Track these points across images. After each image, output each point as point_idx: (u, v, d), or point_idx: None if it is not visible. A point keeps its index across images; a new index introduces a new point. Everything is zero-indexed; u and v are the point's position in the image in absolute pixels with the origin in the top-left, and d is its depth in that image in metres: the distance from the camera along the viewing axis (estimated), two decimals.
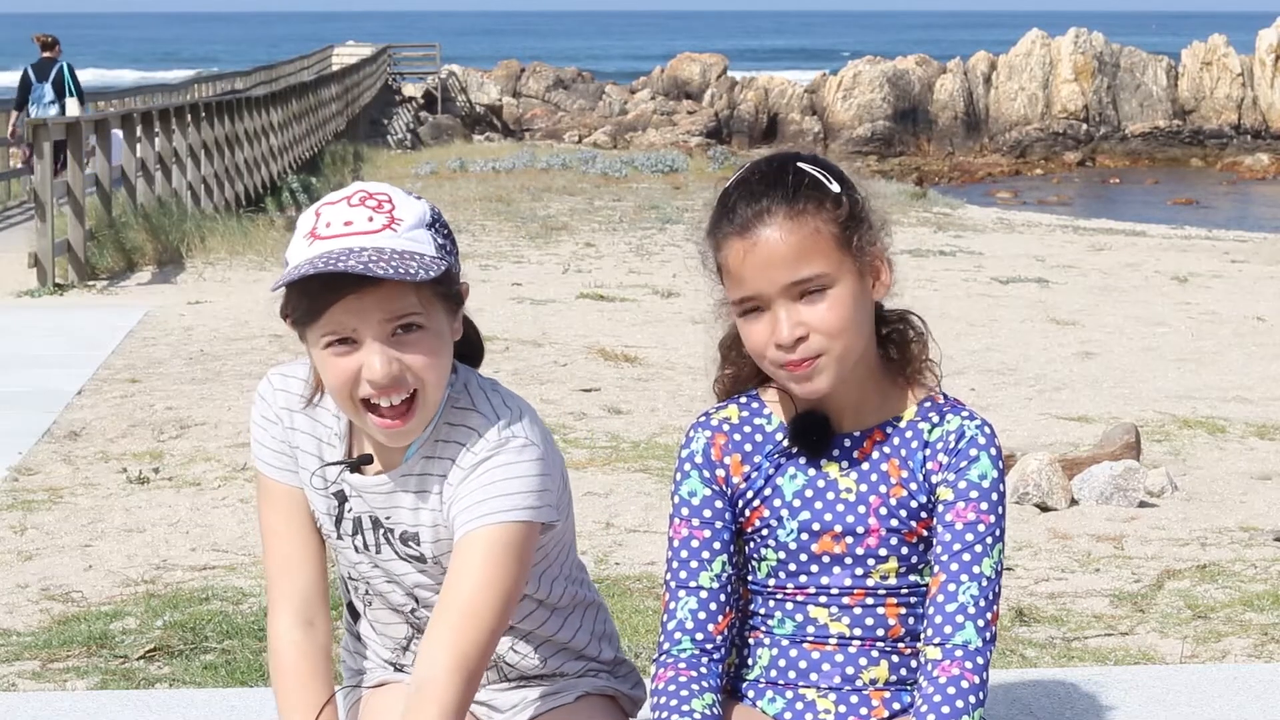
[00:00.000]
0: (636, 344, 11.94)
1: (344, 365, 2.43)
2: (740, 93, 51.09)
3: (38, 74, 19.30)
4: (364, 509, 2.59)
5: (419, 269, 2.38)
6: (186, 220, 17.86)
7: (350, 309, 2.39)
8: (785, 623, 2.59)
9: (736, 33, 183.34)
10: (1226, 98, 48.04)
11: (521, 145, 40.45)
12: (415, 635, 2.68)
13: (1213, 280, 17.02)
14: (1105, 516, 7.04)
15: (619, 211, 22.56)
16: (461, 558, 2.44)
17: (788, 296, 2.45)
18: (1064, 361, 11.80)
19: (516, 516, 2.44)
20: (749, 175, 2.53)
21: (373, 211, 2.42)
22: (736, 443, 2.59)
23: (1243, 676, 3.78)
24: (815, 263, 2.45)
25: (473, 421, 2.51)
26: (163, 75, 64.54)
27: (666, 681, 2.52)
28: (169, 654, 5.16)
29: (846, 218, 2.48)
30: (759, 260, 2.45)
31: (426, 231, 2.44)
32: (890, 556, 2.55)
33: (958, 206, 26.31)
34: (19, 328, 12.38)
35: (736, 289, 2.49)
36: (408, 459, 2.53)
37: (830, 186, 2.49)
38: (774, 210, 2.45)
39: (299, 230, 2.44)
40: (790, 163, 2.52)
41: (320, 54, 52.09)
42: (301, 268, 2.37)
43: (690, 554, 2.57)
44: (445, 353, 2.47)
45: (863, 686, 2.59)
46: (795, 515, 2.56)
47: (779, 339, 2.45)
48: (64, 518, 6.99)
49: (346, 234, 2.40)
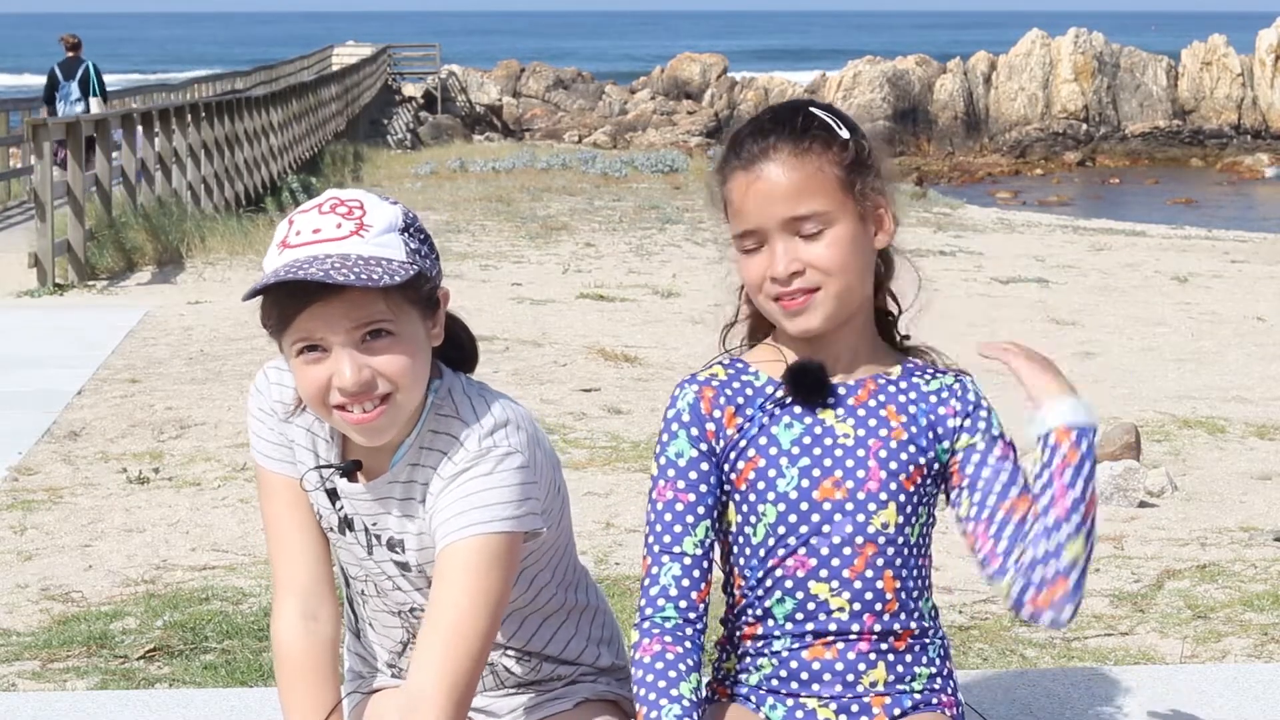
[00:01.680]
0: (636, 344, 11.94)
1: (315, 373, 2.42)
2: (740, 93, 51.11)
3: (64, 73, 20.20)
4: (353, 511, 2.59)
5: (384, 274, 2.36)
6: (186, 220, 17.86)
7: (317, 316, 2.39)
8: (785, 601, 2.57)
9: (736, 33, 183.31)
10: (1226, 98, 48.05)
11: (521, 145, 40.45)
12: (410, 640, 2.67)
13: (1213, 280, 17.02)
14: (1105, 516, 7.04)
15: (619, 211, 22.56)
16: (444, 572, 2.43)
17: (787, 231, 2.49)
18: (1064, 361, 11.72)
19: (497, 528, 2.43)
20: (761, 115, 2.57)
21: (342, 218, 2.42)
22: (729, 396, 2.59)
23: (1243, 676, 3.78)
24: (815, 200, 2.48)
25: (455, 429, 2.50)
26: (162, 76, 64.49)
27: (653, 657, 2.50)
28: (169, 654, 5.16)
29: (852, 161, 2.51)
30: (760, 194, 2.49)
31: (398, 236, 2.43)
32: (890, 502, 2.56)
33: (958, 206, 26.32)
34: (19, 328, 12.38)
35: (738, 223, 2.52)
36: (393, 466, 2.53)
37: (839, 131, 2.53)
38: (779, 146, 2.49)
39: (274, 239, 2.45)
40: (803, 106, 2.57)
41: (320, 54, 52.07)
42: (265, 277, 2.38)
43: (674, 518, 2.56)
44: (420, 357, 2.46)
45: (863, 692, 2.58)
46: (795, 462, 2.56)
47: (774, 272, 2.49)
48: (64, 518, 6.99)
49: (314, 241, 2.40)
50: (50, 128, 15.77)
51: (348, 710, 2.70)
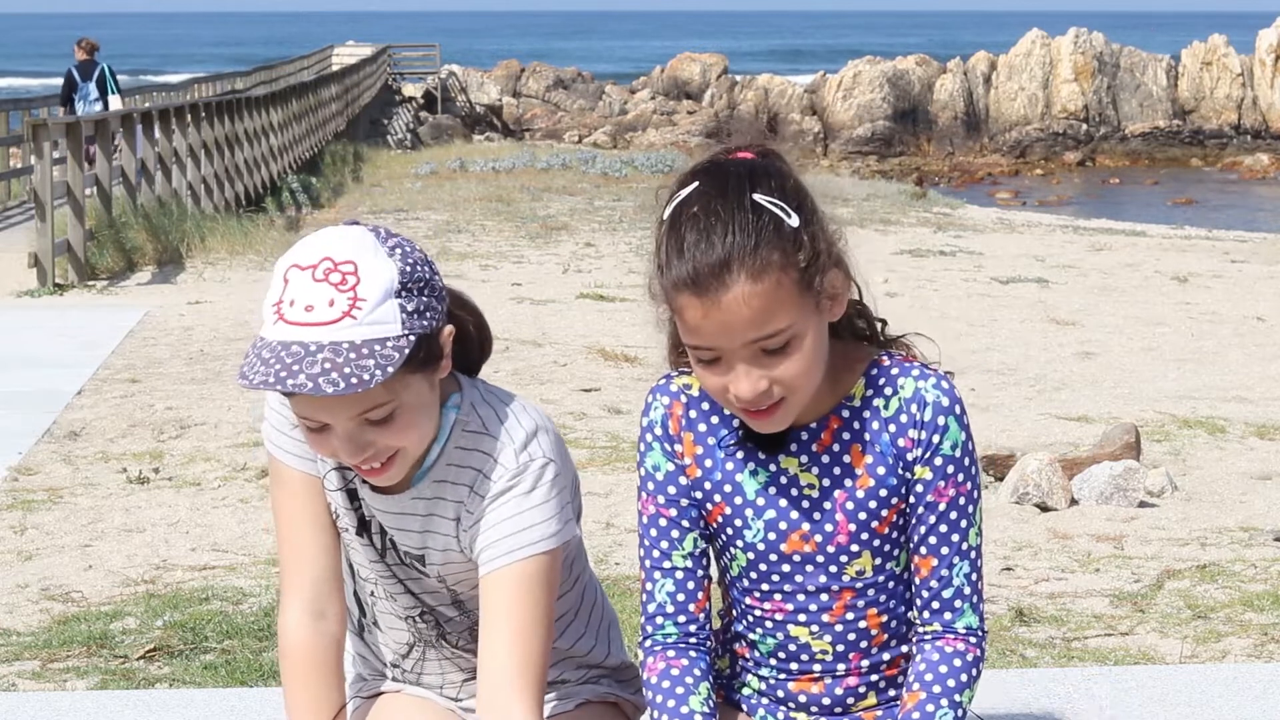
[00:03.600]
0: (636, 344, 11.94)
1: (321, 443, 2.42)
2: (740, 93, 51.09)
3: (81, 74, 21.04)
4: (371, 514, 2.58)
5: (375, 369, 2.32)
6: (186, 220, 17.86)
7: (314, 405, 2.37)
8: (767, 640, 2.54)
9: (737, 33, 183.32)
10: (1226, 98, 48.05)
11: (521, 145, 40.45)
12: (416, 643, 2.66)
13: (1213, 280, 17.02)
14: (1105, 516, 7.03)
15: (619, 211, 22.57)
16: (498, 599, 2.44)
17: (749, 351, 2.32)
18: (1064, 361, 11.80)
19: (543, 548, 2.45)
20: (700, 208, 2.32)
21: (335, 291, 2.34)
22: (692, 420, 2.50)
23: (1243, 676, 3.78)
24: (779, 318, 2.30)
25: (486, 446, 2.49)
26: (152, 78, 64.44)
27: (659, 675, 2.49)
28: (169, 654, 5.15)
29: (809, 259, 2.32)
30: (718, 322, 2.30)
31: (393, 303, 2.35)
32: (863, 551, 2.48)
33: (958, 206, 26.32)
34: (19, 328, 12.38)
35: (691, 338, 2.34)
36: (416, 484, 2.52)
37: (789, 222, 2.31)
38: (734, 266, 2.27)
39: (271, 291, 2.38)
40: (745, 190, 2.32)
41: (320, 54, 52.06)
42: (257, 372, 2.33)
43: (660, 533, 2.51)
44: (425, 413, 2.43)
45: (854, 703, 2.57)
46: (760, 514, 2.48)
47: (738, 393, 2.34)
48: (64, 518, 6.99)
49: (306, 324, 2.33)
50: (50, 127, 15.77)
51: (350, 714, 2.68)
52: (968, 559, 2.48)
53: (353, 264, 2.35)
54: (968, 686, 2.47)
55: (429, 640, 2.66)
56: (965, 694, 2.47)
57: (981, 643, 2.50)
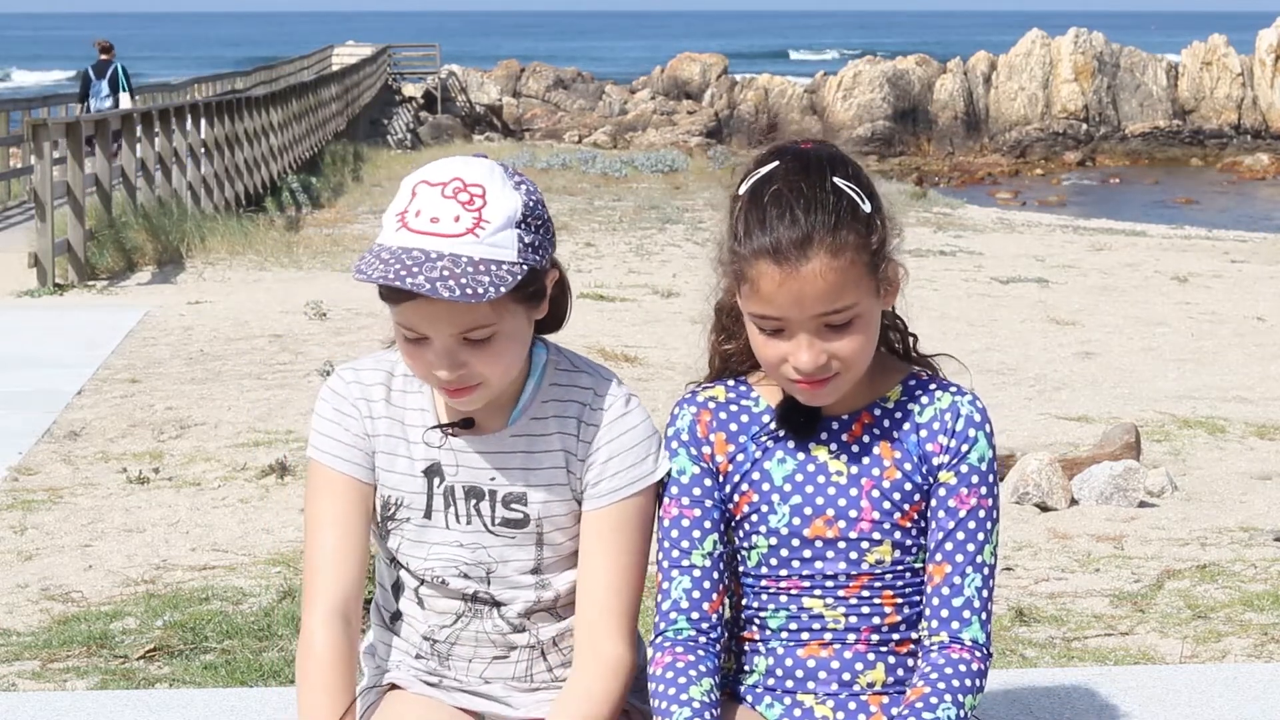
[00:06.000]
0: (636, 344, 11.95)
1: (416, 355, 2.48)
2: (740, 93, 51.09)
3: (96, 73, 21.91)
4: (460, 480, 2.60)
5: (490, 286, 2.39)
6: (186, 220, 17.87)
7: (421, 313, 2.43)
8: (779, 614, 2.58)
9: (736, 33, 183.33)
10: (1226, 98, 48.05)
11: (521, 145, 40.45)
12: (464, 614, 2.66)
13: (1213, 280, 17.03)
14: (1105, 516, 7.04)
15: (619, 211, 22.57)
16: (607, 529, 2.57)
17: (815, 324, 2.43)
18: (1064, 361, 11.81)
19: (652, 480, 2.59)
20: (785, 185, 2.45)
21: (462, 209, 2.44)
22: (722, 421, 2.60)
23: (1243, 676, 3.78)
24: (848, 295, 2.43)
25: (583, 381, 2.60)
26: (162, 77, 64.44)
27: (664, 668, 2.53)
28: (169, 654, 5.16)
29: (878, 245, 2.46)
30: (793, 292, 2.41)
31: (513, 232, 2.45)
32: (884, 540, 2.55)
33: (958, 206, 26.33)
34: (19, 328, 12.38)
35: (760, 306, 2.45)
36: (513, 422, 2.59)
37: (864, 207, 2.45)
38: (816, 242, 2.40)
39: (396, 202, 2.47)
40: (826, 174, 2.45)
41: (320, 54, 52.06)
42: (375, 268, 2.40)
43: (681, 533, 2.57)
44: (517, 348, 2.52)
45: (860, 691, 2.58)
46: (786, 500, 2.56)
47: (799, 364, 2.45)
48: (64, 518, 7.00)
49: (430, 233, 2.42)
50: (50, 127, 15.77)
51: (361, 710, 2.69)
52: (980, 573, 2.55)
53: (481, 187, 2.46)
54: (971, 691, 2.51)
55: (479, 612, 2.66)
56: (968, 698, 2.50)
57: (986, 660, 2.54)
